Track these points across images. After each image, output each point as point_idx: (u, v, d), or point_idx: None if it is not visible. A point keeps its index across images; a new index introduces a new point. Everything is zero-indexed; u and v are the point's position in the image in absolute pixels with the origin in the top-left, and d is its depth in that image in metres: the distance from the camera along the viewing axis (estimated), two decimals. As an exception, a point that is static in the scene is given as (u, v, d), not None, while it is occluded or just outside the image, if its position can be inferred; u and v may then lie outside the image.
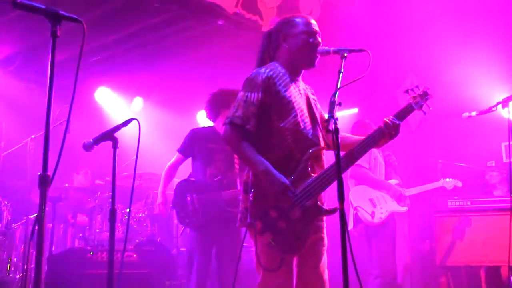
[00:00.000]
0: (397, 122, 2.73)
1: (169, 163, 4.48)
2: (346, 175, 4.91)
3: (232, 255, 4.16)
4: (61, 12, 2.04)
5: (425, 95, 2.90)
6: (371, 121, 5.22)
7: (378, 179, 4.89)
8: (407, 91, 2.95)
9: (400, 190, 4.92)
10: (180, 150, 4.43)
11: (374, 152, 4.90)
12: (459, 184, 5.29)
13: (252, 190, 2.54)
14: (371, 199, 4.80)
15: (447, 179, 5.30)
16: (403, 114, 2.82)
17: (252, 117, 2.57)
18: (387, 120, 2.72)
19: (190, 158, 4.41)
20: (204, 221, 4.16)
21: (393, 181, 4.99)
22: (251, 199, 2.52)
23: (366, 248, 4.77)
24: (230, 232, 4.19)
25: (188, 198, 4.21)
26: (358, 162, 4.62)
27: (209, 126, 4.47)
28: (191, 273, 4.21)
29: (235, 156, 4.28)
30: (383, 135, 2.72)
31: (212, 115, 4.37)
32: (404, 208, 4.90)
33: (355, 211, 4.78)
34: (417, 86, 2.96)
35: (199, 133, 4.41)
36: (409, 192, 5.05)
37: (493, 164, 5.98)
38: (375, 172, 4.91)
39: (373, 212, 4.72)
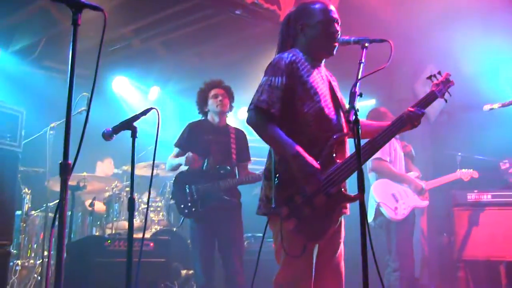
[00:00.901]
0: (420, 112, 2.71)
1: (169, 158, 4.58)
2: (366, 168, 4.87)
3: (235, 244, 4.24)
4: (83, 0, 2.04)
5: (447, 82, 2.90)
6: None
7: (399, 172, 4.84)
8: (429, 77, 2.92)
9: (421, 184, 4.87)
10: (177, 145, 4.52)
11: (394, 143, 4.85)
12: (475, 175, 5.22)
13: (277, 175, 2.51)
14: (393, 194, 4.74)
15: (464, 170, 5.23)
16: (426, 102, 2.81)
17: (277, 101, 2.53)
18: (411, 109, 2.70)
19: None
20: (203, 210, 4.26)
21: (412, 174, 4.94)
22: (276, 184, 2.50)
23: (385, 240, 4.73)
24: (231, 221, 4.28)
25: (187, 189, 4.31)
26: (379, 155, 4.67)
27: (204, 119, 4.56)
28: (195, 264, 4.31)
29: (232, 146, 4.34)
30: (404, 124, 2.70)
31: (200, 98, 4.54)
32: (425, 203, 4.86)
33: (377, 207, 4.73)
34: (439, 73, 2.93)
35: (195, 126, 4.51)
36: (429, 185, 5.00)
37: (507, 165, 5.92)
38: (396, 165, 4.86)
39: (396, 208, 4.67)
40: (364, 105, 7.62)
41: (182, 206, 4.31)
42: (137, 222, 5.67)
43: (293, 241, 2.49)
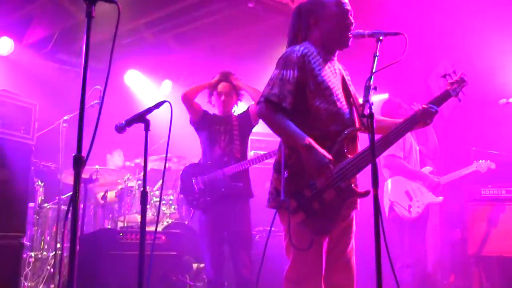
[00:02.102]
0: (434, 110, 2.70)
1: (193, 87, 4.68)
2: (380, 164, 4.83)
3: (243, 236, 4.27)
4: (97, -7, 2.04)
5: (462, 82, 2.89)
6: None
7: (413, 169, 4.78)
8: (444, 76, 2.90)
9: (436, 179, 4.80)
10: (202, 109, 4.61)
11: (409, 137, 4.80)
12: (493, 165, 5.13)
13: (287, 168, 2.50)
14: (407, 192, 4.70)
15: (480, 161, 5.13)
16: (440, 100, 2.82)
17: (289, 94, 2.52)
18: (424, 107, 2.69)
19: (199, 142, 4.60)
20: (211, 200, 4.33)
21: (427, 169, 4.88)
22: (286, 176, 2.48)
23: (398, 236, 4.69)
24: (239, 213, 4.31)
25: (193, 181, 4.40)
26: (392, 151, 4.62)
27: (213, 113, 4.66)
28: (205, 257, 4.35)
29: (235, 133, 4.44)
30: (417, 121, 2.70)
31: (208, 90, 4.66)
32: (440, 199, 4.81)
33: (391, 205, 4.69)
34: (454, 72, 2.91)
35: (209, 115, 4.62)
36: (444, 180, 4.94)
37: None
38: (410, 160, 4.81)
39: (409, 206, 4.63)
40: (378, 100, 7.59)
41: (191, 198, 4.40)
42: (149, 215, 5.69)
43: (301, 235, 2.49)
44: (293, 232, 2.48)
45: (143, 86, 7.87)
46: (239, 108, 4.76)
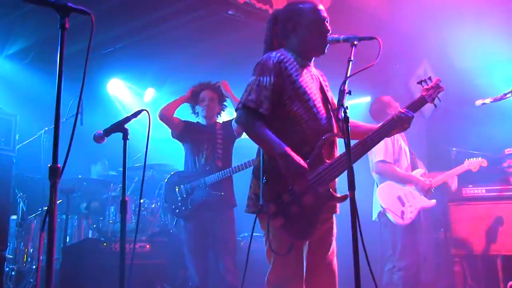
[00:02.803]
0: (410, 115, 2.74)
1: (170, 103, 4.73)
2: (371, 168, 4.81)
3: (226, 242, 4.30)
4: (70, 4, 2.05)
5: (437, 88, 2.93)
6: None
7: (404, 173, 4.72)
8: (420, 83, 2.95)
9: (427, 182, 4.75)
10: (183, 120, 4.66)
11: (398, 139, 4.76)
12: (484, 163, 5.06)
13: (265, 173, 2.52)
14: (399, 197, 4.65)
15: (472, 159, 5.07)
16: (416, 106, 2.86)
17: (266, 100, 2.54)
18: (401, 112, 2.72)
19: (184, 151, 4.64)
20: (192, 209, 4.35)
21: (418, 171, 4.82)
22: (265, 181, 2.50)
23: (390, 240, 4.67)
24: (222, 220, 4.35)
25: (177, 189, 4.45)
26: (382, 157, 4.61)
27: (197, 122, 4.71)
28: (189, 264, 4.37)
29: (218, 142, 4.46)
30: (394, 126, 2.73)
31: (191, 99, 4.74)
32: (432, 202, 4.74)
33: (383, 211, 4.67)
34: (429, 78, 2.96)
35: (192, 124, 4.68)
36: (436, 182, 4.87)
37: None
38: (401, 163, 4.76)
39: (402, 212, 4.58)
40: (360, 103, 7.65)
41: (174, 207, 4.43)
42: (133, 224, 5.65)
43: (280, 239, 2.51)
44: (272, 237, 2.50)
45: (126, 95, 7.86)
46: (224, 117, 4.80)
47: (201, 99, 4.61)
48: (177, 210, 4.39)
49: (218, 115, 4.69)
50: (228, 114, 5.11)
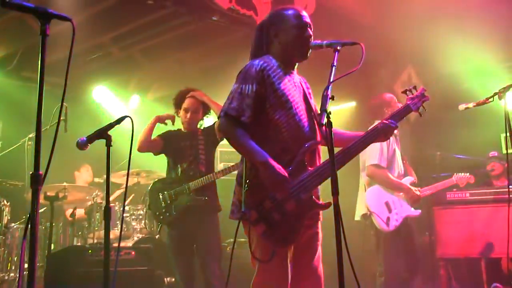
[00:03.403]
0: (394, 125, 2.76)
1: (141, 132, 4.57)
2: (361, 169, 4.78)
3: (211, 248, 4.27)
4: (50, 10, 2.04)
5: (422, 97, 2.95)
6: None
7: (396, 181, 4.66)
8: (405, 92, 2.97)
9: (417, 192, 4.68)
10: (161, 136, 4.59)
11: (393, 144, 4.70)
12: (472, 180, 5.13)
13: (248, 180, 2.52)
14: (387, 203, 4.61)
15: (460, 174, 5.11)
16: (400, 115, 2.88)
17: (247, 108, 2.54)
18: (385, 122, 2.74)
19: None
20: (177, 215, 4.31)
21: (408, 179, 4.76)
22: (247, 188, 2.51)
23: (375, 244, 4.69)
24: (206, 225, 4.31)
25: (160, 196, 4.40)
26: (376, 161, 4.59)
27: (178, 129, 4.64)
28: (175, 271, 4.35)
29: (200, 147, 4.42)
30: (378, 135, 2.75)
31: (175, 104, 4.62)
32: (418, 212, 4.69)
33: (369, 215, 4.66)
34: (414, 87, 2.98)
35: (173, 134, 4.59)
36: (424, 192, 4.87)
37: (495, 155, 5.95)
38: (394, 169, 4.71)
39: (388, 218, 4.55)
40: (345, 108, 7.70)
41: (157, 213, 4.41)
42: (118, 231, 5.63)
43: (263, 246, 2.51)
44: (255, 244, 2.51)
45: (111, 101, 7.82)
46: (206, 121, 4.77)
47: (185, 108, 4.51)
48: (161, 217, 4.37)
49: (200, 122, 4.64)
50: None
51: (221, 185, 4.58)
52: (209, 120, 4.86)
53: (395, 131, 2.99)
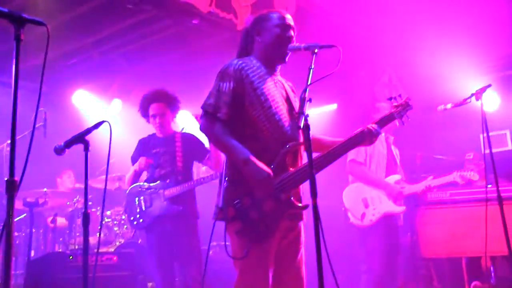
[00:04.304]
0: (378, 131, 2.78)
1: (127, 176, 4.64)
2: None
3: (192, 252, 4.25)
4: (24, 15, 2.02)
5: (407, 106, 2.98)
6: (351, 117, 5.15)
7: (373, 177, 4.69)
8: (390, 99, 3.00)
9: (398, 188, 4.66)
10: (132, 160, 4.62)
11: (378, 143, 4.71)
12: (476, 177, 4.81)
13: (226, 178, 2.54)
14: (365, 199, 4.64)
15: (464, 173, 4.80)
16: (384, 122, 2.89)
17: (224, 106, 2.57)
18: (370, 128, 2.76)
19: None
20: (151, 221, 4.30)
21: (395, 177, 4.77)
22: (226, 185, 2.51)
23: (356, 241, 4.74)
24: (184, 229, 4.29)
25: (137, 201, 4.40)
26: (353, 156, 4.63)
27: (153, 133, 4.62)
28: (154, 275, 4.34)
29: (178, 154, 4.40)
30: (362, 140, 2.77)
31: (142, 114, 4.59)
32: (401, 208, 4.71)
33: (345, 211, 4.69)
34: (399, 95, 3.00)
35: (144, 142, 4.59)
36: (408, 190, 4.77)
37: (471, 157, 6.00)
38: (372, 166, 4.73)
39: (363, 214, 4.59)
40: (327, 111, 7.74)
41: (132, 218, 4.41)
42: (101, 236, 5.58)
43: (237, 244, 2.53)
44: (231, 241, 2.52)
45: (92, 106, 7.75)
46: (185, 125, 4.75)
47: (152, 115, 4.47)
48: (135, 222, 4.36)
49: (173, 121, 4.60)
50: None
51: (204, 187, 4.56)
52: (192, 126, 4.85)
53: (385, 135, 3.00)
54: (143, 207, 4.33)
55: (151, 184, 4.40)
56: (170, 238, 4.25)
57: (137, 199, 4.37)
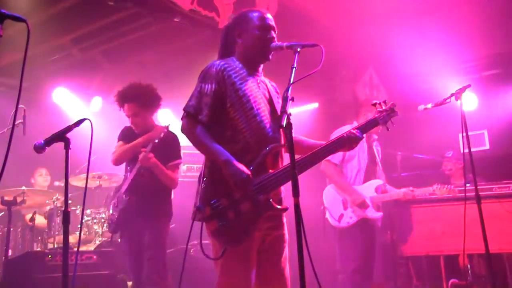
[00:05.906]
0: (360, 136, 2.79)
1: (122, 149, 4.47)
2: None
3: (154, 251, 4.14)
4: (3, 11, 1.98)
5: (391, 112, 2.96)
6: (332, 115, 5.17)
7: (342, 181, 4.65)
8: (374, 105, 2.99)
9: (363, 198, 4.58)
10: (123, 137, 4.53)
11: (360, 146, 4.68)
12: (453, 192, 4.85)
13: (205, 178, 2.53)
14: (344, 200, 4.63)
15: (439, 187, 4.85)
16: (367, 127, 2.89)
17: (205, 107, 2.56)
18: (352, 132, 2.76)
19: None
20: (123, 220, 4.24)
21: (376, 182, 4.74)
22: (203, 186, 2.51)
23: (334, 241, 4.74)
24: (152, 227, 4.19)
25: (112, 204, 4.41)
26: (329, 157, 4.57)
27: (129, 126, 4.51)
28: (130, 275, 4.33)
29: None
30: (343, 145, 2.77)
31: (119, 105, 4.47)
32: (378, 214, 4.67)
33: (324, 211, 4.70)
34: (385, 101, 2.99)
35: (126, 132, 4.52)
36: (375, 199, 4.70)
37: (450, 155, 6.07)
38: (347, 169, 4.70)
39: (341, 215, 4.57)
40: (308, 110, 7.76)
41: (110, 222, 4.39)
42: (82, 235, 5.52)
43: (214, 243, 2.54)
44: (210, 240, 2.54)
45: (72, 103, 7.66)
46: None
47: (125, 115, 4.42)
48: (110, 222, 4.36)
49: (151, 117, 4.52)
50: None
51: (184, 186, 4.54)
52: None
53: (366, 135, 2.99)
54: (115, 207, 4.34)
55: (125, 185, 4.34)
56: (140, 236, 4.17)
57: (113, 201, 4.36)
